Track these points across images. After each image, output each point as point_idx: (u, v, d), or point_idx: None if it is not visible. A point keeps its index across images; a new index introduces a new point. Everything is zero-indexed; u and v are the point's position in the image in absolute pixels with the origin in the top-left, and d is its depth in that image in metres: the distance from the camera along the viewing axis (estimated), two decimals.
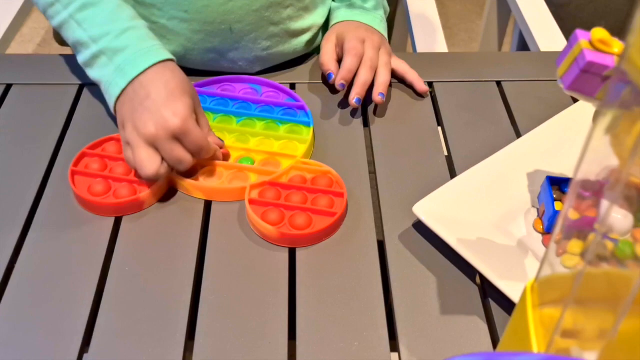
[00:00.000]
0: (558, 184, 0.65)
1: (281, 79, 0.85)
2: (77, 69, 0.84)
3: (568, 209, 0.40)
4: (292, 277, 0.63)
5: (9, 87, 0.83)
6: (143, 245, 0.65)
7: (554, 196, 0.63)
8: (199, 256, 0.64)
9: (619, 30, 1.23)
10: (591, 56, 0.50)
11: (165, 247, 0.64)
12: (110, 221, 0.67)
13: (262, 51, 0.83)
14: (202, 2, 0.76)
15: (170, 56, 0.69)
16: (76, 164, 0.70)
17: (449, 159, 0.75)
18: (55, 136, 0.76)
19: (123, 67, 0.67)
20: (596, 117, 0.55)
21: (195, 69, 0.83)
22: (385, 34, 0.87)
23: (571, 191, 0.38)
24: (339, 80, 0.78)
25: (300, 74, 0.86)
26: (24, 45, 2.27)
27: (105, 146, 0.72)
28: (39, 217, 0.67)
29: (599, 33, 0.50)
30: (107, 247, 0.64)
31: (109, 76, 0.68)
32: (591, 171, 0.39)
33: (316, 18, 0.86)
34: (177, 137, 0.64)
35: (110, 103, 0.69)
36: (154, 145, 0.64)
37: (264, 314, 0.59)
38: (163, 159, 0.65)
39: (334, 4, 0.89)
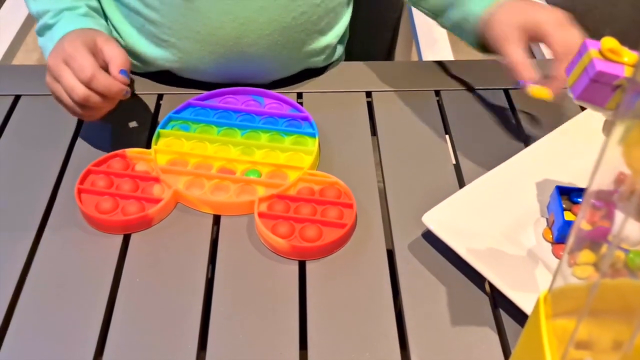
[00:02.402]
0: (567, 194, 0.65)
1: (287, 89, 0.85)
2: None
3: (581, 221, 0.40)
4: (302, 289, 0.63)
5: (17, 97, 0.84)
6: (153, 260, 0.65)
7: (564, 206, 0.63)
8: (209, 270, 0.64)
9: (624, 37, 1.23)
10: (601, 66, 0.50)
11: (176, 261, 0.64)
12: (119, 237, 0.67)
13: (275, 72, 0.83)
14: (214, 24, 0.76)
15: (91, 25, 0.75)
16: (82, 182, 0.70)
17: (457, 167, 0.75)
18: (63, 149, 0.76)
19: (52, 35, 0.75)
20: (606, 126, 0.55)
21: (203, 81, 0.84)
22: None
23: (585, 203, 0.38)
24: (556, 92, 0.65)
25: (306, 83, 0.86)
26: (28, 54, 2.26)
27: (110, 162, 0.72)
28: (47, 235, 0.67)
29: (609, 42, 0.50)
30: (116, 262, 0.64)
31: (44, 44, 0.77)
32: (604, 182, 0.39)
33: (331, 39, 0.85)
34: (66, 59, 0.68)
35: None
36: (52, 74, 0.70)
37: (275, 325, 0.59)
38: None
39: None
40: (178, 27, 0.77)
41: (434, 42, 1.05)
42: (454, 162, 0.76)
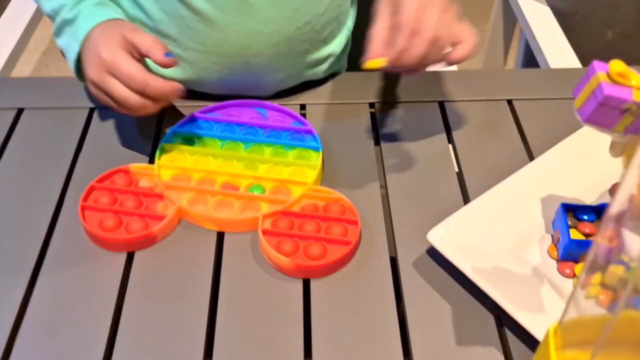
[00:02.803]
0: (573, 211, 0.65)
1: (290, 100, 0.84)
2: (87, 92, 0.85)
3: (601, 244, 0.39)
4: (306, 307, 0.62)
5: (20, 111, 0.83)
6: (157, 278, 0.64)
7: (569, 223, 0.63)
8: (213, 288, 0.64)
9: (626, 39, 1.22)
10: (609, 90, 0.49)
11: (179, 280, 0.64)
12: (123, 255, 0.66)
13: (279, 82, 0.83)
14: (219, 35, 0.76)
15: (112, 15, 0.73)
16: (86, 199, 0.69)
17: (461, 180, 0.75)
18: (66, 165, 0.76)
19: (74, 33, 0.73)
20: (613, 147, 0.55)
21: (208, 93, 0.83)
22: None
23: (604, 225, 0.38)
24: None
25: (309, 95, 0.86)
26: (28, 55, 2.27)
27: (114, 178, 0.72)
28: (50, 253, 0.67)
29: (617, 66, 0.49)
30: (120, 281, 0.64)
31: (66, 43, 0.74)
32: (621, 205, 0.39)
33: (334, 48, 0.85)
34: (109, 70, 0.67)
35: (71, 67, 0.74)
36: (99, 88, 0.69)
37: (280, 344, 0.59)
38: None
39: None
40: (183, 39, 0.77)
41: None
42: (456, 170, 0.76)
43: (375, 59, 0.65)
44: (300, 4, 0.76)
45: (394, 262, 0.66)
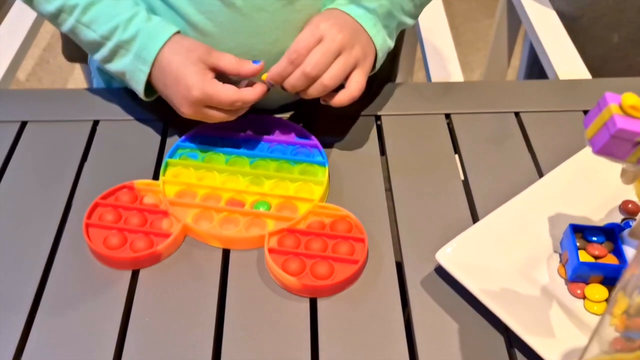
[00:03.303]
0: (581, 231, 0.64)
1: (295, 114, 0.84)
2: (91, 104, 0.84)
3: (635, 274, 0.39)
4: (313, 326, 0.62)
5: (24, 124, 0.83)
6: (162, 297, 0.64)
7: (577, 244, 0.62)
8: (219, 306, 0.64)
9: (632, 43, 1.21)
10: (622, 123, 0.48)
11: (185, 298, 0.64)
12: (128, 273, 0.66)
13: (284, 98, 0.82)
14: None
15: (174, 29, 0.72)
16: (90, 216, 0.69)
17: (469, 194, 0.74)
18: (70, 179, 0.75)
19: (139, 53, 0.72)
20: (624, 174, 0.54)
21: None
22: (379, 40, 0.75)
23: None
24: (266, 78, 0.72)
25: (314, 107, 0.85)
26: (29, 50, 2.26)
27: (118, 195, 0.71)
28: (54, 270, 0.66)
29: (630, 99, 0.49)
30: (125, 299, 0.64)
31: (130, 65, 0.73)
32: None
33: None
34: (206, 104, 0.69)
35: (139, 88, 0.74)
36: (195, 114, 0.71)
37: None
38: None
39: None
40: None
41: (442, 62, 1.03)
42: (463, 178, 0.76)
43: (265, 73, 0.71)
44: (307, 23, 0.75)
45: (401, 280, 0.66)
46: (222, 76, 0.71)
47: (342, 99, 0.71)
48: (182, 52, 0.70)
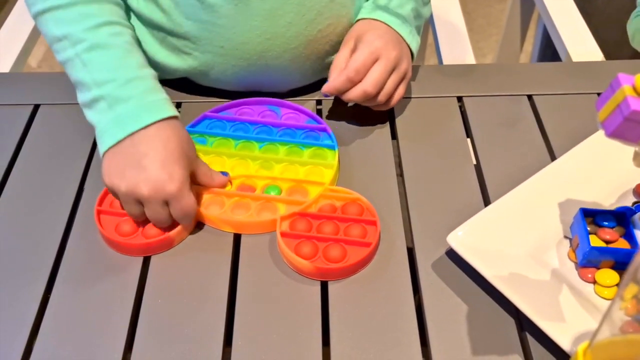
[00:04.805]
0: (592, 216, 0.64)
1: (305, 97, 0.83)
2: None
3: None
4: (324, 310, 0.62)
5: (37, 107, 0.83)
6: (174, 281, 0.64)
7: (588, 229, 0.62)
8: (231, 291, 0.64)
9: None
10: (636, 104, 0.48)
11: (197, 283, 0.64)
12: (139, 259, 0.66)
13: (295, 81, 0.82)
14: (240, 39, 0.75)
15: (174, 113, 0.67)
16: (101, 202, 0.69)
17: (480, 177, 0.74)
18: (82, 162, 0.76)
19: (123, 118, 0.65)
20: (636, 157, 0.53)
21: (221, 89, 0.82)
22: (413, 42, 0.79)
23: None
24: (324, 89, 0.74)
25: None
26: (40, 37, 2.25)
27: None
28: (66, 257, 0.66)
29: None
30: (137, 285, 0.64)
31: (105, 123, 0.66)
32: None
33: None
34: (168, 201, 0.64)
35: (101, 149, 0.66)
36: (141, 203, 0.64)
37: (298, 347, 0.59)
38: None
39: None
40: (202, 42, 0.76)
41: (454, 44, 1.02)
42: (474, 161, 0.76)
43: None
44: (323, 6, 0.75)
45: (412, 263, 0.66)
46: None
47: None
48: (167, 134, 0.65)
